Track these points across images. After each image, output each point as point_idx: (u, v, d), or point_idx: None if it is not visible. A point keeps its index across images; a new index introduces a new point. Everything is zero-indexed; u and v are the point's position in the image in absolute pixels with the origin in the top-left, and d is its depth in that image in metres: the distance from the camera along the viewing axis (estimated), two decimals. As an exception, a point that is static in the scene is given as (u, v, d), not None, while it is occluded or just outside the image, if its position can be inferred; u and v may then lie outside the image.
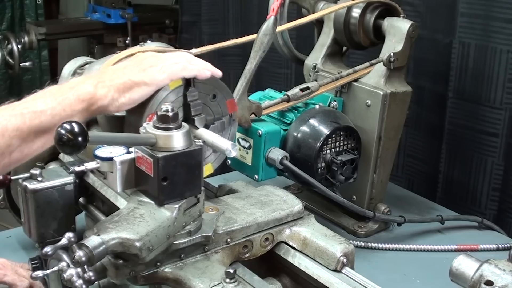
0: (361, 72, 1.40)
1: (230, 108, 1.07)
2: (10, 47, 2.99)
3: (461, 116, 1.66)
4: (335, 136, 1.29)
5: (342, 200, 1.28)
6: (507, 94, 1.54)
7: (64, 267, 0.80)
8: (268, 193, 1.09)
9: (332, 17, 1.46)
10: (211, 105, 1.06)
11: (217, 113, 1.06)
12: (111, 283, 0.97)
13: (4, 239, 1.36)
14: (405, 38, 1.35)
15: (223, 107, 1.07)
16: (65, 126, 0.76)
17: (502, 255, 0.81)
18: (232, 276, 0.87)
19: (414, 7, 1.69)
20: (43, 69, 3.51)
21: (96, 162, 0.89)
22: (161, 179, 0.85)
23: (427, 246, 1.38)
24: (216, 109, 1.06)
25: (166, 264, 0.91)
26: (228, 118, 1.08)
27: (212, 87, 1.05)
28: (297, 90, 1.31)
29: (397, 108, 1.37)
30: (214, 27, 2.40)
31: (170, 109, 0.86)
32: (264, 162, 1.26)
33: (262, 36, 1.24)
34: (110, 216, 0.87)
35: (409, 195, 1.68)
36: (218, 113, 1.07)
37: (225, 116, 1.07)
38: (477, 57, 1.59)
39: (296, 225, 1.04)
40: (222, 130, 1.06)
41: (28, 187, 1.09)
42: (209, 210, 0.98)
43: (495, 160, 1.60)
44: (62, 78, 1.25)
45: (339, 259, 0.96)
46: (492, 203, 1.63)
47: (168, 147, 0.85)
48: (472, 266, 0.80)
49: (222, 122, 1.06)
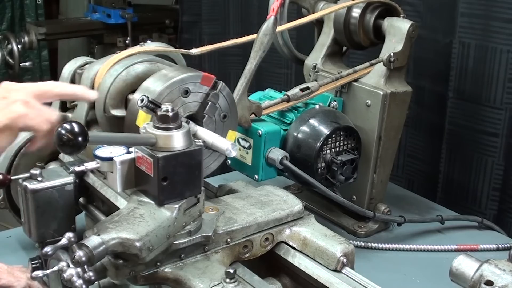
0: (361, 72, 1.40)
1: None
2: (10, 47, 2.99)
3: (461, 116, 1.66)
4: (335, 136, 1.29)
5: (342, 200, 1.28)
6: (507, 94, 1.54)
7: (64, 267, 0.80)
8: (268, 193, 1.09)
9: (332, 17, 1.46)
10: (218, 123, 1.07)
11: (219, 132, 1.07)
12: (111, 283, 0.97)
13: (4, 239, 1.36)
14: (405, 38, 1.34)
15: (225, 131, 1.09)
16: (65, 126, 0.76)
17: (502, 255, 0.81)
18: (232, 276, 0.87)
19: (414, 7, 1.69)
20: (43, 69, 3.52)
21: (96, 162, 0.89)
22: (161, 179, 0.85)
23: (427, 246, 1.38)
24: (220, 129, 1.08)
25: (166, 264, 0.91)
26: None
27: (228, 107, 1.08)
28: (297, 90, 1.31)
29: (397, 108, 1.37)
30: (214, 27, 2.40)
31: (170, 109, 0.86)
32: (264, 162, 1.26)
33: (262, 36, 1.24)
34: (110, 216, 0.87)
35: (409, 195, 1.68)
36: (219, 134, 1.07)
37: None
38: (477, 57, 1.59)
39: (296, 225, 1.04)
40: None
41: (28, 187, 1.09)
42: (209, 210, 0.98)
43: (495, 160, 1.60)
44: (62, 78, 1.25)
45: (339, 259, 0.96)
46: (492, 203, 1.63)
47: (168, 147, 0.85)
48: (472, 266, 0.80)
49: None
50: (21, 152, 1.27)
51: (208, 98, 1.04)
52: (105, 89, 1.10)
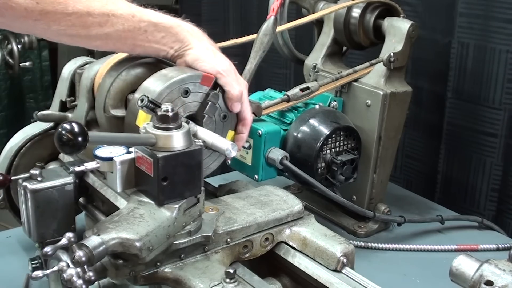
0: (361, 72, 1.40)
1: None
2: (10, 47, 2.99)
3: (460, 117, 1.66)
4: (335, 136, 1.29)
5: (342, 200, 1.28)
6: (506, 95, 1.54)
7: (64, 267, 0.80)
8: (268, 193, 1.09)
9: (332, 17, 1.46)
10: (218, 123, 1.07)
11: (219, 133, 1.07)
12: (111, 283, 0.97)
13: (4, 239, 1.36)
14: (405, 38, 1.35)
15: (225, 132, 1.09)
16: (65, 126, 0.76)
17: (502, 255, 0.80)
18: (232, 276, 0.87)
19: (413, 7, 1.69)
20: (43, 69, 3.51)
21: (96, 162, 0.89)
22: (161, 179, 0.85)
23: (427, 246, 1.38)
24: (219, 129, 1.08)
25: (166, 264, 0.91)
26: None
27: (228, 109, 1.07)
28: (297, 90, 1.31)
29: (397, 108, 1.37)
30: (214, 27, 2.40)
31: (170, 109, 0.86)
32: (264, 162, 1.26)
33: (262, 36, 1.24)
34: (110, 216, 0.87)
35: (409, 195, 1.68)
36: (219, 134, 1.07)
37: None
38: (476, 57, 1.59)
39: (296, 225, 1.04)
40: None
41: (28, 187, 1.09)
42: (209, 210, 0.98)
43: (494, 160, 1.60)
44: (62, 78, 1.25)
45: (339, 259, 0.96)
46: (491, 204, 1.63)
47: (168, 147, 0.85)
48: (472, 266, 0.80)
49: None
50: (21, 152, 1.27)
51: (208, 98, 1.04)
52: (105, 89, 1.09)
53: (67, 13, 0.93)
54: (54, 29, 0.94)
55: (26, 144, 1.27)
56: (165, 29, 1.03)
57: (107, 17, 0.97)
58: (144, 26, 1.01)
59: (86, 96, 1.16)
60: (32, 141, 1.27)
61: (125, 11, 0.99)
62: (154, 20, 1.02)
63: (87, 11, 0.95)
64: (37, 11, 0.91)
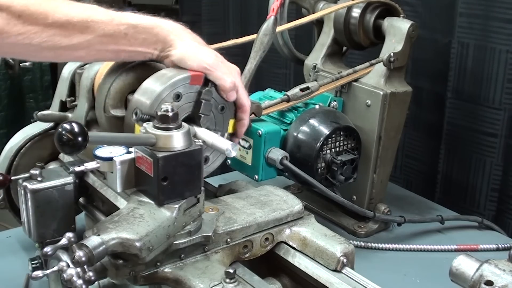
0: (361, 72, 1.40)
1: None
2: (10, 47, 2.98)
3: (460, 117, 1.66)
4: (335, 136, 1.29)
5: (342, 200, 1.28)
6: (506, 95, 1.54)
7: (64, 267, 0.80)
8: (268, 193, 1.09)
9: (332, 17, 1.46)
10: (217, 116, 1.06)
11: (219, 125, 1.07)
12: (111, 283, 0.97)
13: (4, 239, 1.36)
14: (405, 38, 1.35)
15: (226, 123, 1.08)
16: (65, 126, 0.76)
17: (502, 255, 0.80)
18: (232, 276, 0.87)
19: (413, 7, 1.69)
20: (43, 69, 3.51)
21: (96, 162, 0.89)
22: (161, 179, 0.85)
23: (427, 246, 1.38)
24: (220, 121, 1.07)
25: (166, 264, 0.91)
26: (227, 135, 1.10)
27: (224, 100, 1.06)
28: (297, 90, 1.31)
29: (397, 108, 1.37)
30: (214, 27, 2.40)
31: (170, 109, 0.86)
32: (264, 162, 1.26)
33: (262, 36, 1.24)
34: (110, 216, 0.87)
35: (409, 195, 1.68)
36: (220, 126, 1.07)
37: (225, 132, 1.09)
38: (476, 57, 1.59)
39: (296, 225, 1.04)
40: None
41: (28, 187, 1.09)
42: (209, 210, 0.98)
43: (494, 160, 1.60)
44: (62, 78, 1.25)
45: (339, 259, 0.96)
46: (491, 204, 1.63)
47: (168, 147, 0.85)
48: (472, 266, 0.80)
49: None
50: (21, 152, 1.27)
51: (201, 97, 1.03)
52: (105, 89, 1.09)
53: (48, 24, 0.94)
54: (36, 42, 0.94)
55: (26, 144, 1.27)
56: (144, 30, 1.03)
57: (86, 23, 0.97)
58: (124, 29, 1.00)
59: (86, 96, 1.16)
60: (32, 141, 1.27)
61: (103, 16, 0.99)
62: (133, 22, 1.02)
63: (66, 19, 0.95)
64: (19, 24, 0.91)
